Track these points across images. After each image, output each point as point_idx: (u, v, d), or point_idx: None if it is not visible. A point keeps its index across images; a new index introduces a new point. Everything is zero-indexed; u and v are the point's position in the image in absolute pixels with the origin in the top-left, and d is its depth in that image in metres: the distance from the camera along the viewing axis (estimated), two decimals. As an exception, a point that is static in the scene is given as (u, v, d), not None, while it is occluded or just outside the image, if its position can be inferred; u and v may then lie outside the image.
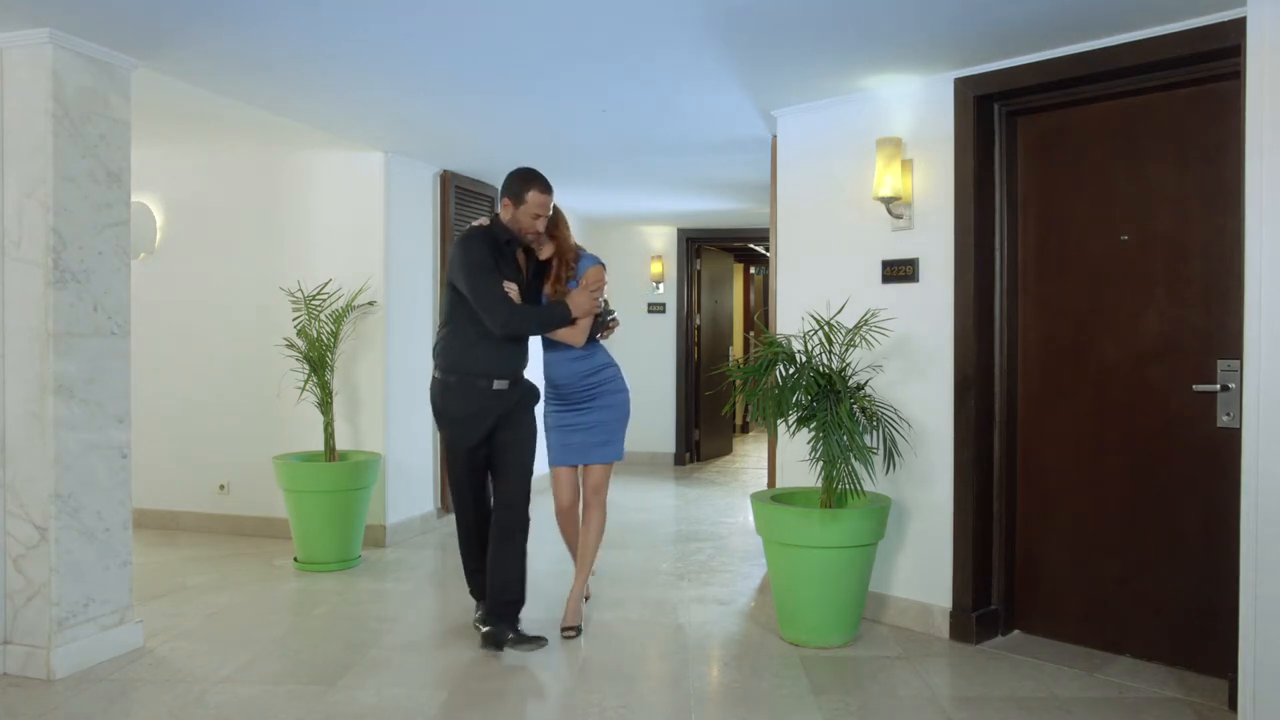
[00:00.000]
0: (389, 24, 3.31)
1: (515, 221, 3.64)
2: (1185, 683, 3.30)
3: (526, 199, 3.60)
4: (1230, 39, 3.00)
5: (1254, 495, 2.68)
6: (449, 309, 3.69)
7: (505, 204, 3.65)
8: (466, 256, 3.58)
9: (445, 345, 3.69)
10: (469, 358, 3.64)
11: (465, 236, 3.69)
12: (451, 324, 3.68)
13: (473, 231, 3.70)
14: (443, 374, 3.69)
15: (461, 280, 3.57)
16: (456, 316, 3.67)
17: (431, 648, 3.85)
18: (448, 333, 3.69)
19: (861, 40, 3.44)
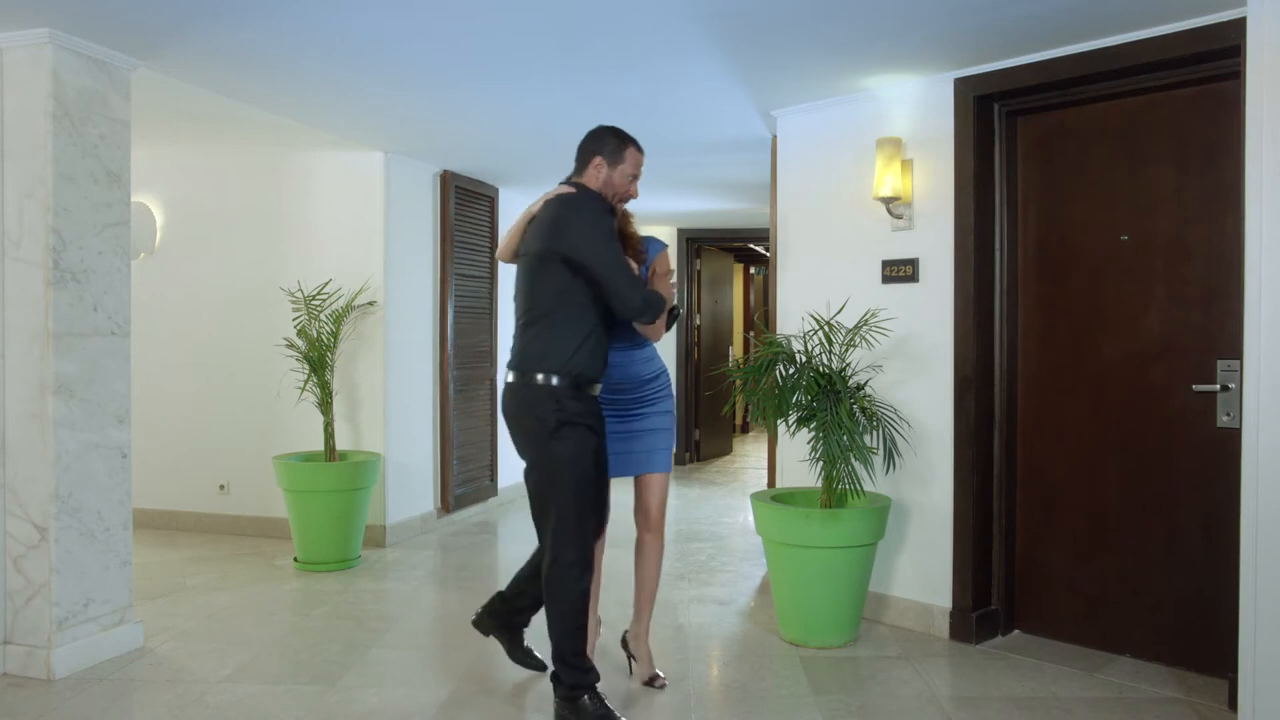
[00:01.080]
0: (388, 24, 3.31)
1: (609, 185, 3.05)
2: (1185, 683, 3.30)
3: (625, 157, 3.06)
4: (1230, 39, 3.00)
5: (1254, 495, 2.68)
6: (556, 293, 2.89)
7: (596, 164, 3.03)
8: (598, 222, 2.89)
9: (553, 341, 2.89)
10: (582, 357, 2.91)
11: (579, 199, 2.97)
12: (561, 311, 2.90)
13: (584, 194, 3.00)
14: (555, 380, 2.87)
15: (588, 252, 2.84)
16: (567, 302, 2.90)
17: (431, 648, 3.85)
18: (552, 324, 2.90)
19: (861, 40, 3.44)
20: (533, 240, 2.96)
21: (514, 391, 2.94)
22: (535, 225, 2.99)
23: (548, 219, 2.94)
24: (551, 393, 2.87)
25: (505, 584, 3.53)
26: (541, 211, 2.99)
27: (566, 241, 2.86)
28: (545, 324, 2.91)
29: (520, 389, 2.91)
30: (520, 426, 2.95)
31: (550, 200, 2.99)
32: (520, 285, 3.01)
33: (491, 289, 6.57)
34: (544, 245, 2.89)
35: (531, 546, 3.81)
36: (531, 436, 2.91)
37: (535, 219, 3.01)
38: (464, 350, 6.21)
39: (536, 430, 2.88)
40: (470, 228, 6.28)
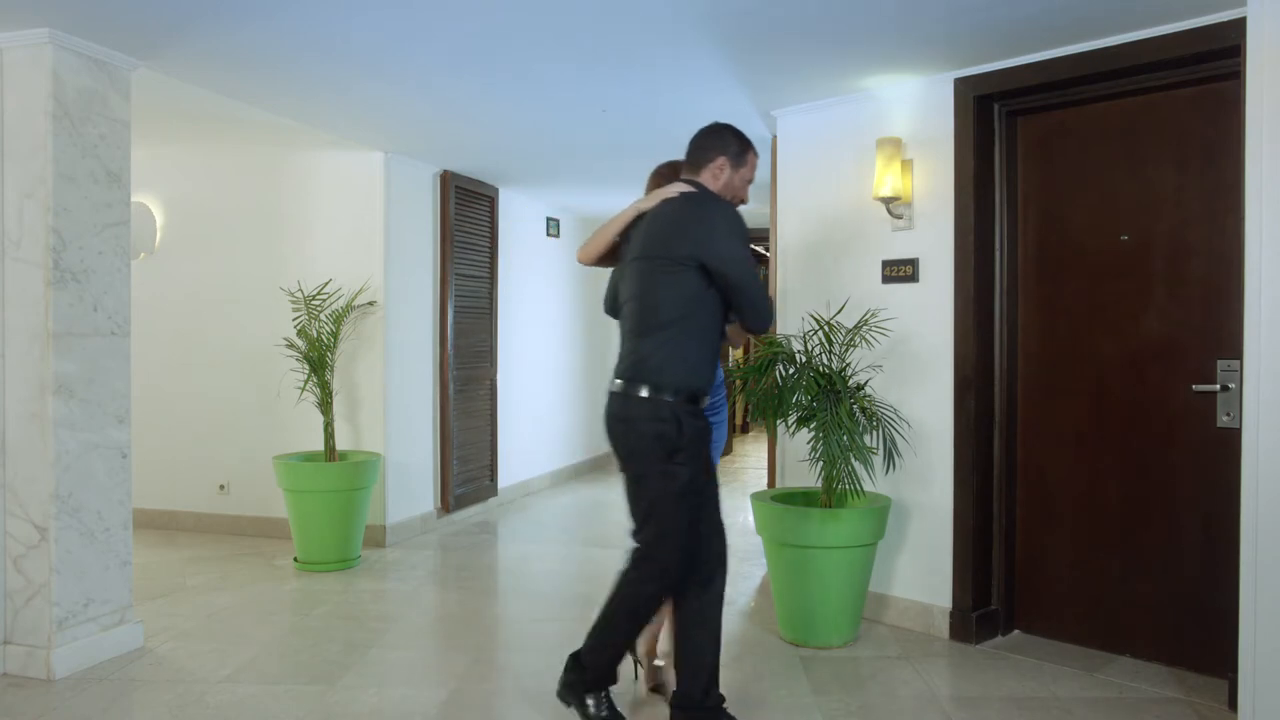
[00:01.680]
0: (388, 24, 3.31)
1: (729, 188, 2.83)
2: (1185, 683, 3.30)
3: (747, 160, 2.86)
4: (1230, 39, 3.00)
5: (1254, 495, 2.68)
6: (686, 301, 2.67)
7: (719, 165, 2.81)
8: (739, 229, 2.69)
9: (680, 353, 2.69)
10: (704, 370, 2.74)
11: (715, 202, 2.74)
12: (690, 321, 2.69)
13: (714, 196, 2.78)
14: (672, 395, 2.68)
15: (730, 260, 2.65)
16: (697, 312, 2.69)
17: (431, 648, 3.86)
18: (681, 334, 2.69)
19: (861, 40, 3.44)
20: (655, 242, 2.72)
21: (631, 404, 2.70)
22: (657, 226, 2.74)
23: (681, 220, 2.70)
24: (674, 411, 2.67)
25: (504, 583, 3.51)
26: (664, 211, 2.75)
27: (708, 248, 2.65)
28: (672, 334, 2.68)
29: (640, 403, 2.68)
30: (633, 441, 2.72)
31: (676, 200, 2.75)
32: (634, 290, 2.75)
33: (491, 289, 6.57)
34: (677, 249, 2.66)
35: (532, 546, 3.81)
36: (647, 454, 2.69)
37: (651, 219, 2.77)
38: (464, 350, 6.21)
39: (654, 448, 2.68)
40: (470, 228, 6.28)
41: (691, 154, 2.88)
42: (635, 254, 2.78)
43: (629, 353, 2.76)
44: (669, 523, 2.70)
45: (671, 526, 2.70)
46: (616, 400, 2.76)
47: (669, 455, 2.67)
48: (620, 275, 2.90)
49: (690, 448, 2.70)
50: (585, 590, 4.64)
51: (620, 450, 2.79)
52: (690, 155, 2.89)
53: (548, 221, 7.80)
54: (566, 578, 4.99)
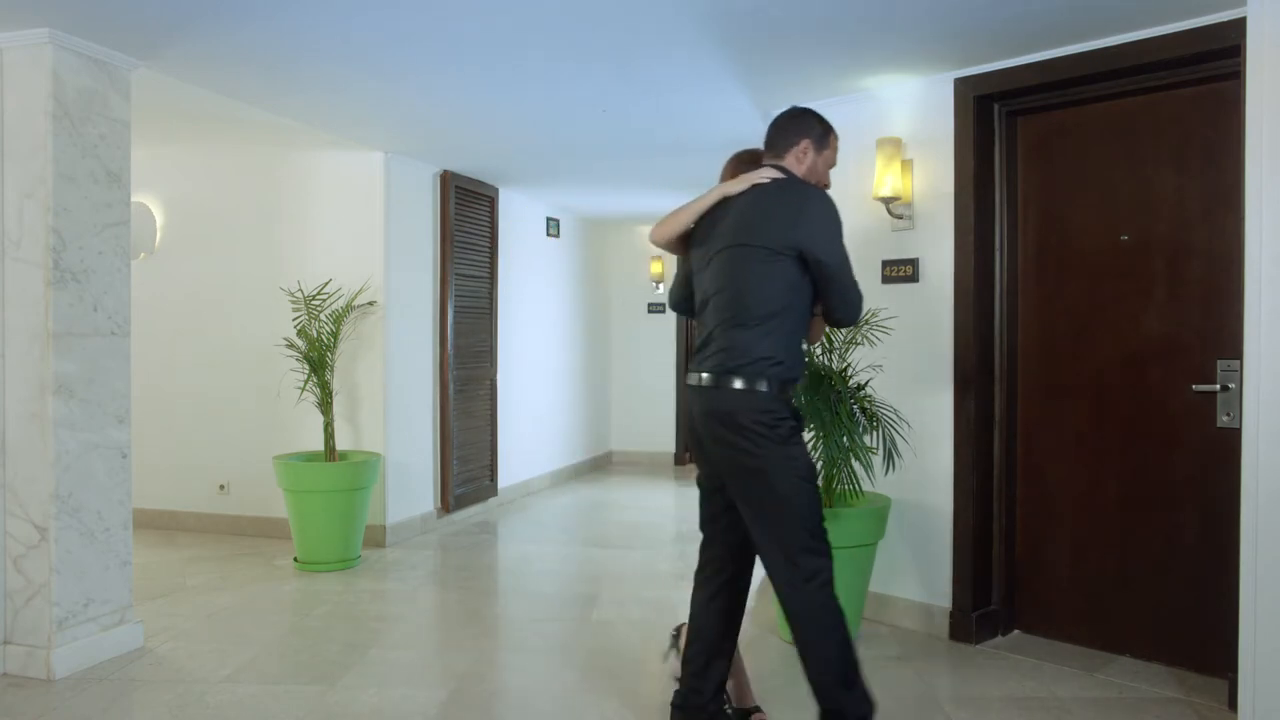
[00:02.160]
0: (388, 24, 3.31)
1: (813, 172, 2.73)
2: (1185, 683, 3.30)
3: (830, 143, 2.77)
4: (1230, 39, 3.00)
5: (1254, 495, 2.68)
6: (785, 292, 2.59)
7: (803, 148, 2.71)
8: (836, 216, 2.61)
9: (780, 343, 2.59)
10: (799, 361, 2.66)
11: (811, 189, 2.66)
12: (788, 313, 2.60)
13: (805, 182, 2.69)
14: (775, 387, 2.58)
15: (830, 250, 2.57)
16: (795, 302, 2.60)
17: (431, 648, 3.86)
18: (782, 325, 2.60)
19: (861, 40, 3.44)
20: (753, 230, 2.60)
21: (731, 397, 2.57)
22: (755, 213, 2.62)
23: (781, 208, 2.60)
24: (778, 399, 2.58)
25: (504, 583, 3.51)
26: (760, 198, 2.64)
27: (810, 236, 2.55)
28: (775, 325, 2.58)
29: (740, 395, 2.56)
30: (741, 435, 2.56)
31: (771, 187, 2.64)
32: (726, 279, 2.63)
33: (491, 289, 6.57)
34: (778, 237, 2.55)
35: (532, 546, 3.80)
36: (762, 445, 2.55)
37: (747, 205, 2.65)
38: (464, 350, 6.21)
39: (768, 437, 2.54)
40: (470, 228, 6.28)
41: (772, 139, 2.78)
42: (728, 241, 2.64)
43: (724, 345, 2.60)
44: (810, 519, 2.58)
45: (813, 523, 2.58)
46: (711, 395, 2.61)
47: (785, 441, 2.56)
48: (700, 264, 2.75)
49: (797, 432, 2.61)
50: (585, 590, 4.65)
51: (721, 449, 2.62)
52: (771, 140, 2.78)
53: (548, 221, 7.80)
54: (566, 578, 4.99)
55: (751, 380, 2.56)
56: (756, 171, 2.71)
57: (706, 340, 2.68)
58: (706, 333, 2.68)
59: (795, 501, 2.56)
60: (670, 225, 2.82)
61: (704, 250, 2.73)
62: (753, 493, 2.59)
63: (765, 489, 2.57)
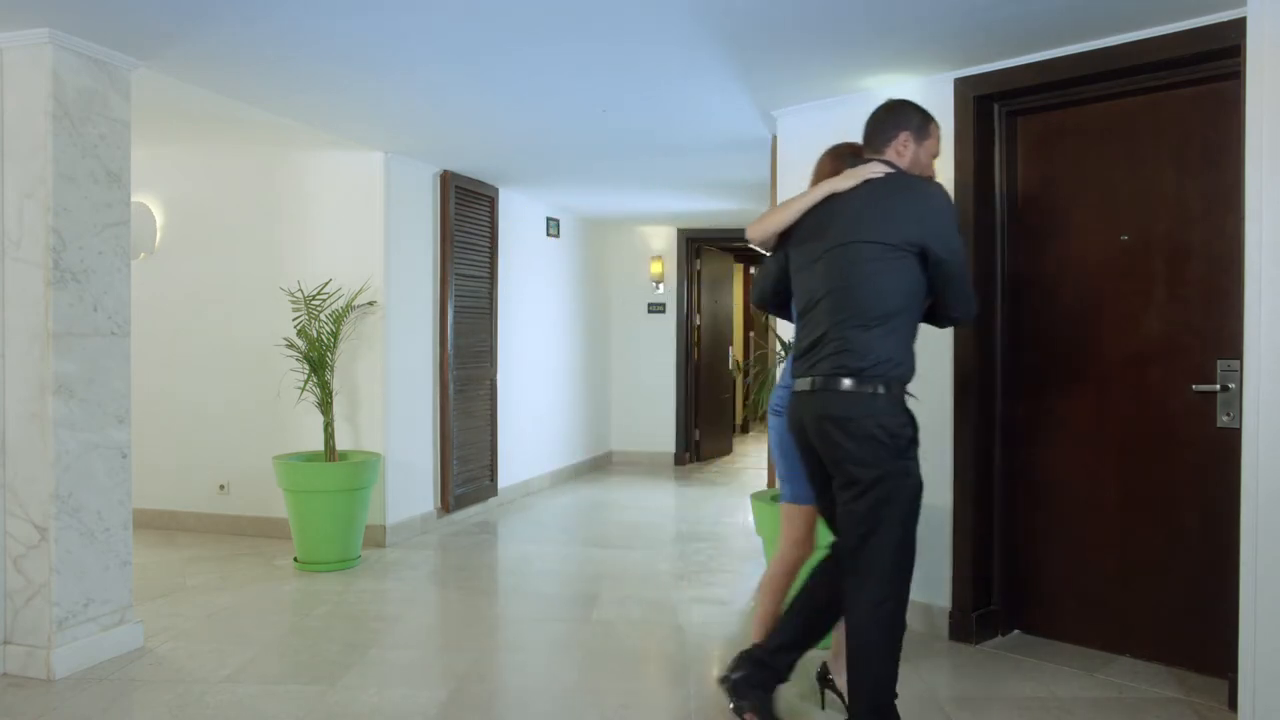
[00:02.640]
0: (389, 24, 3.31)
1: (915, 163, 2.69)
2: (1185, 683, 3.30)
3: (930, 132, 2.72)
4: (1230, 39, 3.00)
5: (1254, 495, 2.68)
6: (905, 292, 2.55)
7: (903, 140, 2.68)
8: (954, 212, 2.58)
9: (899, 346, 2.56)
10: (912, 364, 2.62)
11: (926, 183, 2.62)
12: (906, 314, 2.57)
13: (917, 177, 2.66)
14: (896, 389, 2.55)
15: (949, 247, 2.54)
16: (913, 303, 2.58)
17: (431, 648, 3.86)
18: (902, 326, 2.57)
19: (861, 40, 3.44)
20: (871, 227, 2.54)
21: (847, 400, 2.51)
22: (874, 210, 2.57)
23: (901, 204, 2.55)
24: (899, 404, 2.55)
25: (504, 583, 3.51)
26: (875, 194, 2.59)
27: (932, 233, 2.50)
28: (895, 324, 2.54)
29: (859, 399, 2.50)
30: (856, 441, 2.51)
31: (884, 182, 2.60)
32: (839, 278, 2.57)
33: (491, 289, 6.57)
34: (899, 234, 2.51)
35: (532, 546, 3.81)
36: (880, 453, 2.51)
37: (863, 203, 2.59)
38: (464, 350, 6.21)
39: (886, 445, 2.50)
40: (470, 228, 6.28)
41: (870, 134, 2.74)
42: (844, 239, 2.57)
43: (842, 346, 2.53)
44: (906, 536, 2.55)
45: (908, 540, 2.55)
46: (827, 398, 2.55)
47: (902, 452, 2.53)
48: (805, 262, 2.68)
49: (915, 443, 2.58)
50: (585, 590, 4.65)
51: (834, 452, 2.56)
52: (869, 134, 2.74)
53: (548, 221, 7.80)
54: (567, 578, 4.99)
55: (872, 383, 2.51)
56: (865, 166, 2.66)
57: (817, 341, 2.60)
58: (818, 333, 2.60)
59: (896, 521, 2.53)
60: (772, 221, 2.77)
61: (811, 248, 2.66)
62: (859, 503, 2.54)
63: (872, 500, 2.52)
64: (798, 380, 2.65)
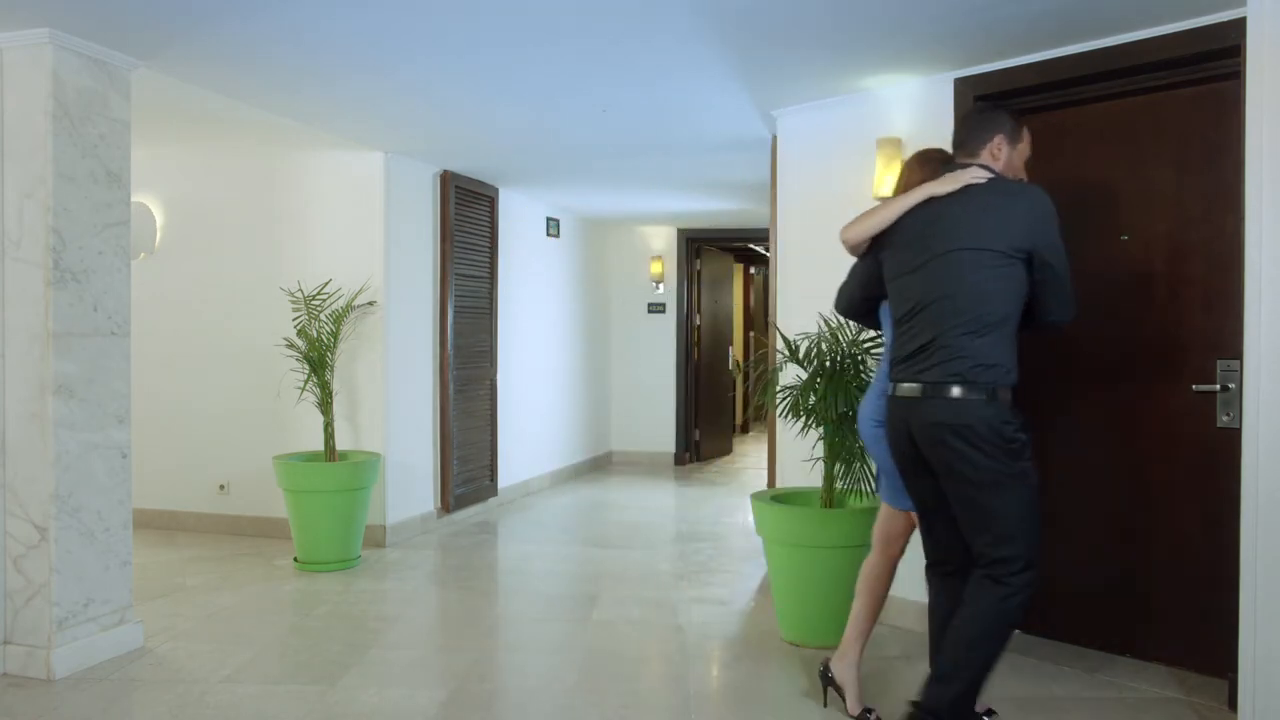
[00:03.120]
0: (388, 24, 3.31)
1: (1009, 167, 2.72)
2: (1185, 683, 3.29)
3: (1023, 136, 2.76)
4: (1230, 39, 3.00)
5: (1254, 495, 2.68)
6: (1015, 298, 2.58)
7: (997, 144, 2.70)
8: (1057, 219, 2.60)
9: (1008, 351, 2.59)
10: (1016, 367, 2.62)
11: (1042, 190, 2.63)
12: (1013, 319, 2.59)
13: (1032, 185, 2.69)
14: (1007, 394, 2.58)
15: (1057, 252, 2.58)
16: (1019, 308, 2.60)
17: (431, 648, 3.86)
18: (1010, 332, 2.59)
19: (861, 40, 3.44)
20: (981, 232, 2.56)
21: (961, 407, 2.54)
22: (985, 216, 2.58)
23: (1008, 209, 2.58)
24: (1010, 409, 2.57)
25: (504, 583, 3.51)
26: (984, 199, 2.61)
27: (1042, 238, 2.55)
28: (1007, 330, 2.57)
29: (974, 405, 2.53)
30: (973, 447, 2.53)
31: (990, 187, 2.62)
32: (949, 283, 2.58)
33: (491, 289, 6.57)
34: (1010, 240, 2.54)
35: (532, 546, 3.81)
36: (998, 458, 2.53)
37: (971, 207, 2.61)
38: (464, 350, 6.21)
39: (1003, 450, 2.53)
40: (470, 228, 6.28)
41: (963, 137, 2.76)
42: (954, 244, 2.58)
43: (955, 352, 2.55)
44: (1035, 525, 2.57)
45: (1037, 528, 2.58)
46: (940, 405, 2.57)
47: (1018, 454, 2.55)
48: (903, 268, 2.68)
49: (1028, 446, 2.59)
50: (586, 590, 4.65)
51: (948, 459, 2.57)
52: (962, 139, 2.76)
53: (548, 221, 7.80)
54: (567, 578, 4.99)
55: (988, 390, 2.53)
56: (965, 171, 2.67)
57: (924, 347, 2.60)
58: (923, 340, 2.61)
59: (1018, 516, 2.55)
60: (867, 225, 2.77)
61: (912, 253, 2.67)
62: (976, 508, 2.57)
63: (991, 504, 2.55)
64: (900, 386, 2.65)
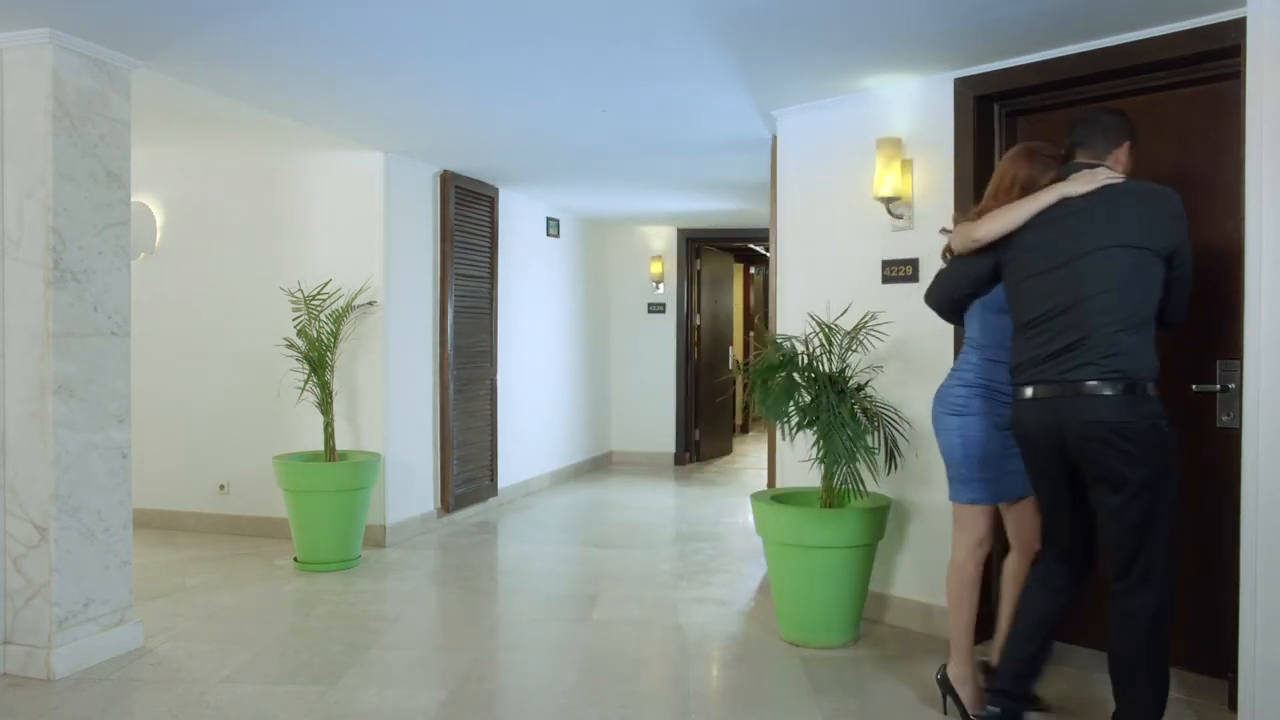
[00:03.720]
0: (388, 24, 3.31)
1: (1128, 173, 2.78)
2: (1185, 683, 3.29)
3: (1136, 139, 2.83)
4: (1230, 39, 3.00)
5: (1254, 496, 2.68)
6: (1158, 290, 2.63)
7: (1126, 149, 2.78)
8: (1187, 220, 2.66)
9: (1151, 349, 2.63)
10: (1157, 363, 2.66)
11: (1176, 194, 2.68)
12: (1153, 315, 2.64)
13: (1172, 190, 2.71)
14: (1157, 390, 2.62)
15: (1188, 254, 2.66)
16: (1157, 304, 2.66)
17: (431, 648, 3.86)
18: (1151, 330, 2.64)
19: (861, 40, 3.44)
20: (1125, 231, 2.61)
21: (1126, 404, 2.56)
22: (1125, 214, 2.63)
23: (1160, 212, 2.64)
24: (1160, 404, 2.61)
25: (504, 583, 3.51)
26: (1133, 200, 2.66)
27: (1179, 239, 2.63)
28: (1150, 328, 2.62)
29: (1138, 403, 2.57)
30: (1138, 445, 2.56)
31: (1127, 188, 2.67)
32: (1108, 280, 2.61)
33: (491, 289, 6.57)
34: (1160, 241, 2.61)
35: (532, 546, 3.80)
36: (1157, 457, 2.57)
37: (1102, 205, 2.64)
38: (464, 350, 6.21)
39: (1155, 446, 2.57)
40: (470, 228, 6.28)
41: (1092, 138, 2.78)
42: (1106, 242, 2.62)
43: (1114, 349, 2.57)
44: (1166, 540, 2.61)
45: (1168, 541, 2.62)
46: (1094, 403, 2.58)
47: (1169, 451, 2.60)
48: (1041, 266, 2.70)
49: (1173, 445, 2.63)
50: (585, 590, 4.65)
51: (1104, 457, 2.59)
52: (1090, 139, 2.78)
53: (548, 221, 7.80)
54: (567, 578, 4.99)
55: (1142, 385, 2.57)
56: (1098, 172, 2.69)
57: (1071, 346, 2.61)
58: (1072, 338, 2.62)
59: (1165, 521, 2.60)
60: (1002, 223, 2.77)
61: (1048, 253, 2.68)
62: (1132, 507, 2.59)
63: (1146, 502, 2.58)
64: (1040, 387, 2.66)
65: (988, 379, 2.96)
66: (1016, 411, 2.78)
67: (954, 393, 3.02)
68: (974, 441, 2.96)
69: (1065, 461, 2.68)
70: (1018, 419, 2.78)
